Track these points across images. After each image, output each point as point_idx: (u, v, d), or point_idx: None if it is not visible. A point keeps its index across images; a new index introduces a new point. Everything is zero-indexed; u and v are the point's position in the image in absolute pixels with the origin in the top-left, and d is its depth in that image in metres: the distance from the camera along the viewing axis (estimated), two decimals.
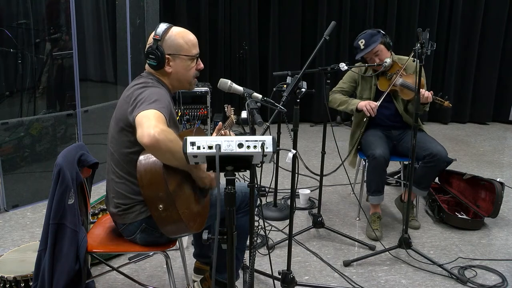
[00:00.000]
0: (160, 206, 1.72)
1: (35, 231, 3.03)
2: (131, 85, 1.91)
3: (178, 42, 1.92)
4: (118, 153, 1.89)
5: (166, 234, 1.84)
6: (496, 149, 5.10)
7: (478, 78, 6.17)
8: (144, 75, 1.97)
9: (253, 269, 1.74)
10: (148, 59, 1.91)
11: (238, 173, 1.39)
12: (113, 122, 1.93)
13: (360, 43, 3.10)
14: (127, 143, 1.85)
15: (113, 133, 1.91)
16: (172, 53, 1.92)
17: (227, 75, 5.91)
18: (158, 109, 1.71)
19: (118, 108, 1.91)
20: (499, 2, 5.94)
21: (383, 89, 3.08)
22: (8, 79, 3.67)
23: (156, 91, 1.83)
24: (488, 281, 2.51)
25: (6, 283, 2.03)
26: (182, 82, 2.00)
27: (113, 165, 1.92)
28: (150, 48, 1.89)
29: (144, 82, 1.88)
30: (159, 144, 1.63)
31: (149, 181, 1.73)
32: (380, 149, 2.94)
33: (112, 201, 1.94)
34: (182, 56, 1.94)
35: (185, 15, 5.88)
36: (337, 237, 2.99)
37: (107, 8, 4.29)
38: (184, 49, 1.94)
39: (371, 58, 3.09)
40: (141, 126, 1.67)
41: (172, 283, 2.00)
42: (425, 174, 3.01)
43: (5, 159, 3.30)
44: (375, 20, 6.01)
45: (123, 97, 1.89)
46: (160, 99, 1.78)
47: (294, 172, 2.19)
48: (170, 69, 1.94)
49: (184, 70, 1.96)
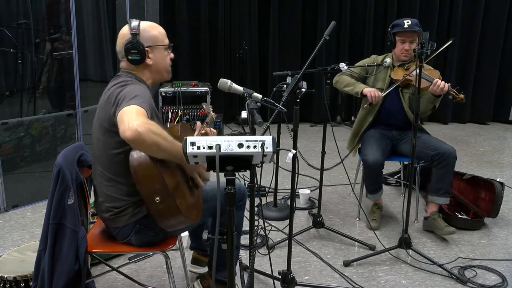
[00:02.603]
0: (157, 198, 1.71)
1: (35, 231, 3.03)
2: (110, 86, 1.90)
3: (153, 33, 1.95)
4: (105, 156, 1.87)
5: (165, 229, 1.84)
6: (496, 149, 5.10)
7: (478, 78, 6.17)
8: (122, 74, 1.95)
9: (253, 269, 1.74)
10: (130, 55, 1.90)
11: (238, 173, 1.39)
12: (96, 126, 1.92)
13: (405, 21, 3.00)
14: (114, 144, 1.84)
15: (98, 136, 1.90)
16: (150, 45, 1.94)
17: (227, 75, 5.91)
18: (138, 104, 1.72)
19: (100, 110, 1.90)
20: (499, 2, 5.94)
21: (397, 78, 3.04)
22: (8, 79, 3.67)
23: (136, 87, 1.83)
24: (488, 281, 2.51)
25: (6, 283, 2.03)
26: (162, 72, 2.02)
27: (101, 169, 1.90)
28: (130, 43, 1.89)
29: (123, 81, 1.88)
30: (142, 137, 1.63)
31: (144, 175, 1.72)
32: (374, 154, 2.94)
33: (102, 205, 1.92)
34: (159, 47, 1.97)
35: (185, 15, 5.88)
36: (337, 237, 2.99)
37: (107, 8, 4.30)
38: (160, 40, 1.97)
39: (405, 41, 3.03)
40: (122, 122, 1.67)
41: (172, 283, 2.00)
42: (441, 178, 2.96)
43: (5, 159, 3.30)
44: (375, 20, 6.01)
45: (104, 99, 1.88)
46: (140, 94, 1.78)
47: (294, 172, 2.19)
48: (150, 61, 1.95)
49: (162, 60, 2.00)
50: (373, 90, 2.99)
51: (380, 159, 2.94)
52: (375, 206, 3.23)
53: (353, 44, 6.09)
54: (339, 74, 3.20)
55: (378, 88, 3.12)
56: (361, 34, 6.08)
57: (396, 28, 3.05)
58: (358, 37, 6.09)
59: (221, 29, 5.90)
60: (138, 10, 4.67)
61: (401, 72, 3.07)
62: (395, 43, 3.08)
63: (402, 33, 3.02)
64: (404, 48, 3.04)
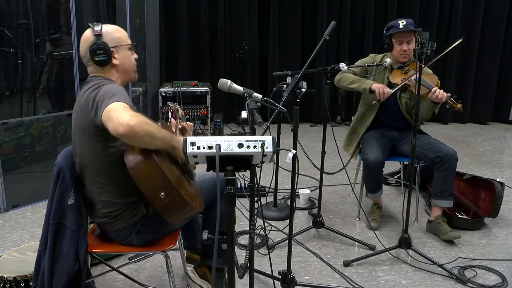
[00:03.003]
0: (162, 193, 1.71)
1: (35, 231, 3.03)
2: (82, 92, 1.88)
3: (116, 35, 1.95)
4: (95, 162, 1.85)
5: (174, 223, 1.84)
6: (496, 149, 5.10)
7: (478, 78, 6.17)
8: (91, 79, 1.93)
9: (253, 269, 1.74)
10: (96, 56, 1.89)
11: (238, 173, 1.39)
12: (77, 136, 1.88)
13: (400, 22, 2.96)
14: (100, 148, 1.82)
15: (83, 146, 1.87)
16: (114, 45, 1.93)
17: (227, 75, 5.91)
18: (120, 100, 1.72)
19: (78, 118, 1.87)
20: (499, 2, 5.94)
21: (395, 82, 3.02)
22: (8, 79, 3.67)
23: (110, 86, 1.82)
24: (488, 281, 2.51)
25: (6, 283, 2.03)
26: (128, 72, 2.01)
27: (92, 177, 1.88)
28: (94, 45, 1.88)
29: (95, 84, 1.86)
30: (135, 130, 1.63)
31: (144, 174, 1.72)
32: (374, 153, 2.94)
33: (99, 212, 1.91)
34: (123, 46, 1.97)
35: (185, 15, 5.88)
36: (337, 237, 2.99)
37: (107, 8, 4.30)
38: (123, 40, 1.97)
39: (402, 42, 2.99)
40: (111, 120, 1.66)
41: (172, 283, 2.00)
42: (444, 181, 2.93)
43: (5, 159, 3.30)
44: (375, 20, 6.01)
45: (79, 106, 1.86)
46: (117, 92, 1.78)
47: (294, 172, 2.19)
48: (116, 61, 1.94)
49: (128, 59, 1.99)
50: (381, 86, 2.96)
51: (381, 158, 2.93)
52: (375, 206, 3.23)
53: (353, 44, 6.08)
54: (341, 73, 3.18)
55: None
56: (361, 34, 6.08)
57: (391, 29, 3.01)
58: (358, 37, 6.09)
59: (221, 29, 5.90)
60: (138, 10, 4.67)
61: (400, 76, 3.04)
62: (392, 46, 3.04)
63: (398, 34, 2.98)
64: (402, 49, 3.00)
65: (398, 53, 3.03)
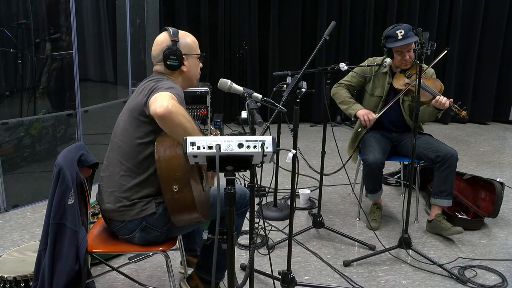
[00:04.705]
0: (175, 187, 1.75)
1: (35, 231, 3.03)
2: (144, 82, 1.98)
3: (189, 42, 2.05)
4: (128, 145, 1.91)
5: (176, 224, 1.86)
6: (496, 149, 5.10)
7: (478, 78, 6.17)
8: (156, 75, 2.02)
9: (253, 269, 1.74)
10: (168, 60, 1.98)
11: (238, 173, 1.39)
12: (125, 116, 1.97)
13: (398, 32, 2.88)
14: (139, 133, 1.89)
15: (124, 125, 1.95)
16: (186, 53, 2.03)
17: (227, 75, 5.91)
18: (172, 92, 1.80)
19: (132, 100, 1.97)
20: (499, 2, 5.94)
21: (398, 87, 3.02)
22: (8, 79, 3.67)
23: (171, 83, 1.92)
24: (488, 281, 2.51)
25: (6, 283, 2.03)
26: (192, 80, 2.11)
27: (119, 158, 1.93)
28: (170, 49, 1.97)
29: (158, 78, 1.97)
30: (172, 116, 1.70)
31: (168, 163, 1.77)
32: (374, 154, 2.93)
33: (112, 196, 1.93)
34: (193, 55, 2.06)
35: (185, 15, 5.88)
36: (337, 237, 2.99)
37: (107, 8, 4.29)
38: (194, 49, 2.07)
39: (403, 52, 2.95)
40: (155, 101, 1.74)
41: (172, 283, 2.00)
42: (444, 180, 2.93)
43: (5, 159, 3.30)
44: (375, 20, 6.01)
45: (137, 91, 1.97)
46: (175, 87, 1.87)
47: (294, 172, 2.19)
48: (185, 67, 2.03)
49: (195, 68, 2.09)
50: (366, 113, 3.00)
51: (381, 158, 2.93)
52: (375, 206, 3.23)
53: (353, 44, 6.08)
54: (336, 86, 3.21)
55: (377, 95, 3.12)
56: (361, 34, 6.08)
57: (390, 41, 2.93)
58: (358, 37, 6.09)
59: (221, 29, 5.90)
60: (138, 10, 4.67)
61: (403, 80, 3.02)
62: (392, 54, 3.00)
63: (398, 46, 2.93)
64: (403, 59, 2.98)
65: (399, 62, 3.02)
